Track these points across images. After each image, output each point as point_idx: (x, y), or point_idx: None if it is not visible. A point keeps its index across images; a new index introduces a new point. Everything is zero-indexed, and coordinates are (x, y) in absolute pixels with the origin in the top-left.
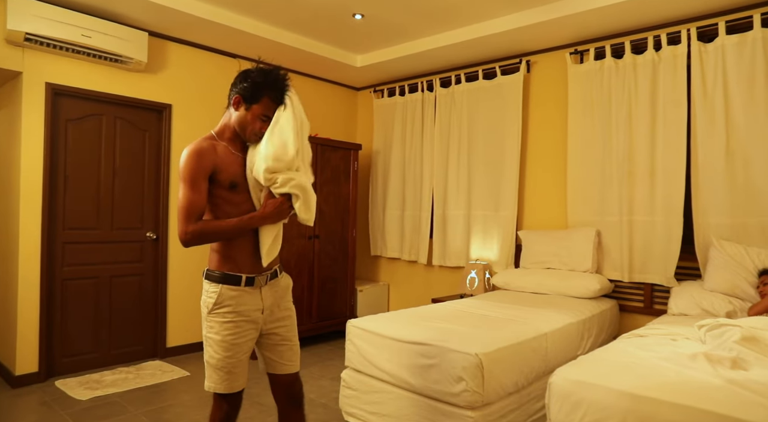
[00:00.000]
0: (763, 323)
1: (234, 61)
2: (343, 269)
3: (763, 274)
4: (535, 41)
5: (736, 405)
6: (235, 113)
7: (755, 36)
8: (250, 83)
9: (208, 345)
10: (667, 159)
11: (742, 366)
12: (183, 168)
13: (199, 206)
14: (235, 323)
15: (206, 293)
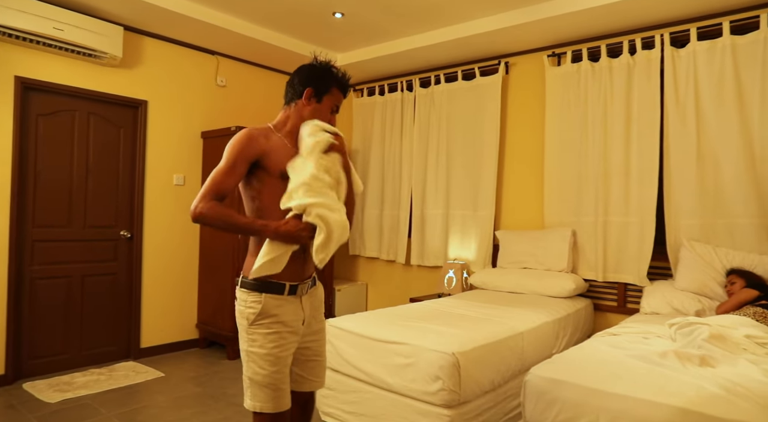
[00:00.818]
0: (730, 321)
1: (212, 58)
2: (321, 269)
3: (731, 273)
4: (514, 43)
5: (703, 401)
6: (306, 106)
7: (724, 43)
8: (320, 76)
9: (251, 361)
10: (641, 161)
11: (710, 363)
12: (228, 147)
13: (226, 188)
14: (280, 334)
15: (245, 303)
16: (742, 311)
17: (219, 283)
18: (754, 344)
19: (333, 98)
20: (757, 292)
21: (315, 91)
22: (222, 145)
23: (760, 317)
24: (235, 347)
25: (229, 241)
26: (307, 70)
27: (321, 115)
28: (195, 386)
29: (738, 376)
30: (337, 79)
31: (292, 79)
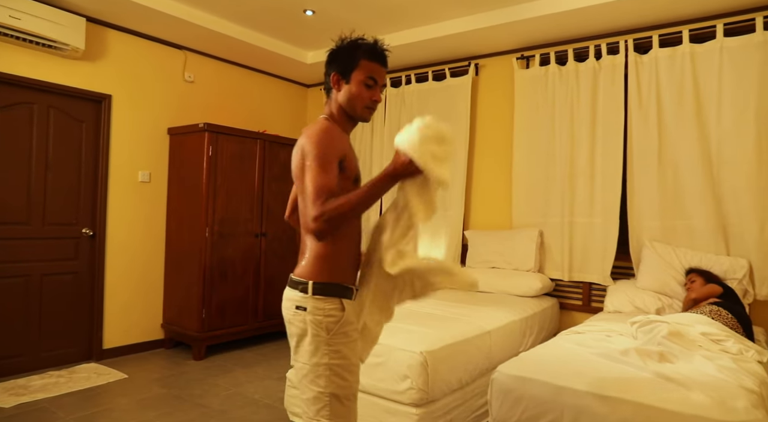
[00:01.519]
0: (688, 319)
1: (180, 53)
2: (290, 268)
3: (690, 272)
4: (484, 45)
5: (661, 396)
6: (338, 93)
7: (684, 50)
8: (340, 54)
9: (334, 375)
10: (605, 163)
11: (668, 359)
12: (314, 146)
13: (331, 188)
14: (355, 340)
15: (321, 311)
16: (699, 309)
17: (186, 282)
18: (709, 341)
19: (364, 71)
20: (722, 288)
21: (341, 72)
22: (190, 141)
23: (715, 315)
24: (201, 347)
25: (197, 239)
26: (328, 55)
27: (355, 95)
28: (160, 387)
29: (694, 372)
30: (362, 48)
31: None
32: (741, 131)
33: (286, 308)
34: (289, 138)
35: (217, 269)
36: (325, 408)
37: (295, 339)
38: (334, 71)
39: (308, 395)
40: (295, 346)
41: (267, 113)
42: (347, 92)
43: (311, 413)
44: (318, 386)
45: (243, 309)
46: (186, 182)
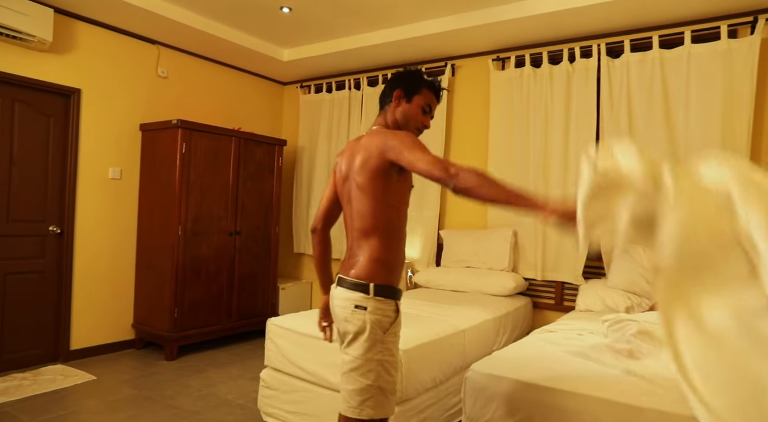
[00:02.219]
0: (656, 317)
1: (153, 48)
2: (265, 267)
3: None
4: (460, 46)
5: (629, 393)
6: (397, 108)
7: (654, 56)
8: (408, 78)
9: (384, 370)
10: (578, 164)
11: (637, 356)
12: (408, 138)
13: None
14: (399, 340)
15: (380, 311)
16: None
17: (157, 281)
18: None
19: (424, 97)
20: None
21: (404, 92)
22: (163, 138)
23: None
24: (173, 347)
25: (169, 237)
26: (396, 75)
27: (411, 114)
28: (130, 388)
29: (661, 368)
30: (427, 81)
31: (384, 87)
32: (707, 135)
33: (342, 307)
34: (265, 136)
35: (190, 267)
36: (370, 399)
37: (351, 335)
38: (400, 88)
39: (355, 386)
40: (350, 341)
41: (242, 111)
42: (406, 110)
43: (355, 403)
44: (368, 379)
45: (216, 309)
46: (158, 180)
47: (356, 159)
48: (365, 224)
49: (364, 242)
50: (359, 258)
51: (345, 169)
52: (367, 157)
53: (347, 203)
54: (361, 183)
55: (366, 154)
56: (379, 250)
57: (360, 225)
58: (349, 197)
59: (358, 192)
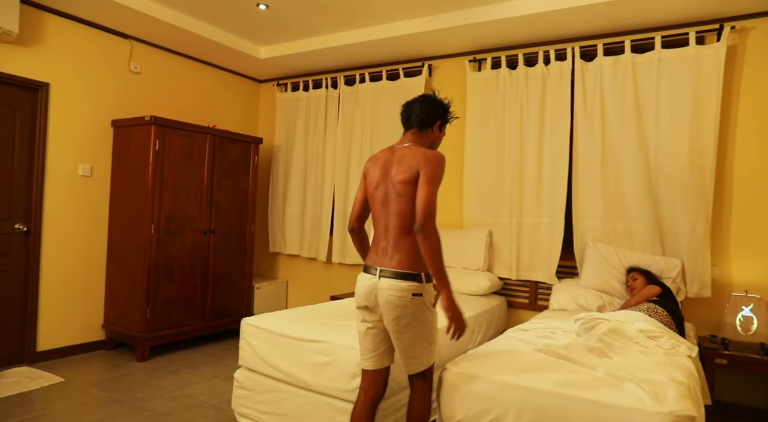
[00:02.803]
0: (627, 316)
1: (125, 43)
2: (240, 266)
3: (632, 271)
4: (437, 46)
5: (600, 390)
6: (432, 134)
7: (626, 60)
8: (445, 111)
9: (436, 333)
10: (552, 166)
11: (608, 355)
12: (439, 171)
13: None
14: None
15: (431, 294)
16: (638, 307)
17: (129, 281)
18: (645, 337)
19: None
20: (660, 288)
21: (443, 123)
22: (135, 135)
23: (652, 312)
24: (145, 348)
25: (141, 236)
26: (436, 105)
27: (439, 140)
28: (99, 390)
29: (631, 366)
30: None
31: (423, 109)
32: (676, 138)
33: (400, 296)
34: (241, 134)
35: (163, 267)
36: (432, 353)
37: (409, 318)
38: (441, 120)
39: (425, 349)
40: (408, 323)
41: (218, 108)
42: (438, 137)
43: (426, 359)
44: (430, 343)
45: (190, 308)
46: (131, 177)
47: (396, 168)
48: (405, 222)
49: (404, 238)
50: (401, 252)
51: (379, 175)
52: (408, 168)
53: (382, 205)
54: (401, 190)
55: (408, 166)
56: (415, 245)
57: (400, 223)
58: (385, 199)
59: (398, 196)
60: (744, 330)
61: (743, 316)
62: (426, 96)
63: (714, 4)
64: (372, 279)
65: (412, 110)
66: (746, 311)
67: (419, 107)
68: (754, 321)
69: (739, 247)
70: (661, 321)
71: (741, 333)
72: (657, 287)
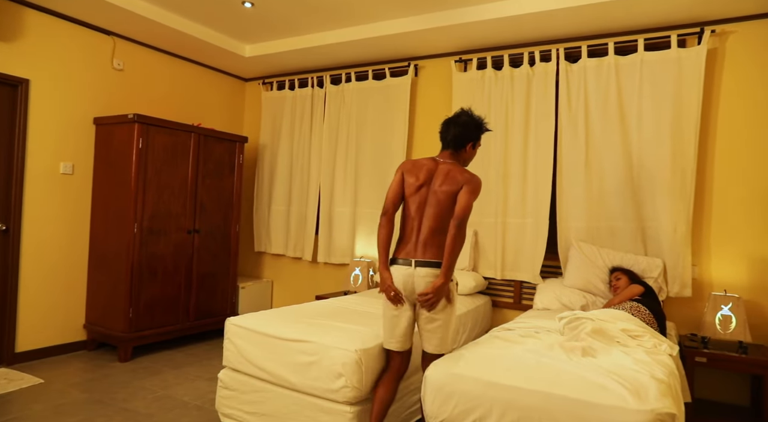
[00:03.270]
0: (610, 315)
1: (108, 39)
2: (224, 266)
3: (616, 270)
4: (423, 47)
5: (584, 389)
6: (466, 153)
7: (609, 62)
8: (479, 131)
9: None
10: (537, 167)
11: (591, 354)
12: (478, 189)
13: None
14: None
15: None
16: (621, 306)
17: (112, 280)
18: (627, 337)
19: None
20: (642, 288)
21: (475, 143)
22: (118, 133)
23: (635, 311)
24: (128, 348)
25: (124, 235)
26: (472, 125)
27: (472, 158)
28: (80, 392)
29: (613, 365)
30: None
31: (457, 132)
32: (658, 140)
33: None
34: (226, 133)
35: (146, 266)
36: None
37: (443, 303)
38: (477, 141)
39: (450, 332)
40: (442, 307)
41: (202, 106)
42: (472, 155)
43: (449, 342)
44: (455, 328)
45: (174, 308)
46: (113, 176)
47: (441, 179)
48: (438, 224)
49: (437, 236)
50: (435, 246)
51: (423, 179)
52: (454, 182)
53: (419, 205)
54: (443, 198)
55: (454, 181)
56: (444, 242)
57: (434, 225)
58: (424, 201)
59: (438, 202)
60: (723, 329)
61: (722, 315)
62: (460, 117)
63: (695, 8)
64: (408, 269)
65: (448, 131)
66: (725, 310)
67: (453, 130)
68: (733, 320)
69: (718, 247)
70: (643, 320)
71: (720, 331)
72: (640, 287)
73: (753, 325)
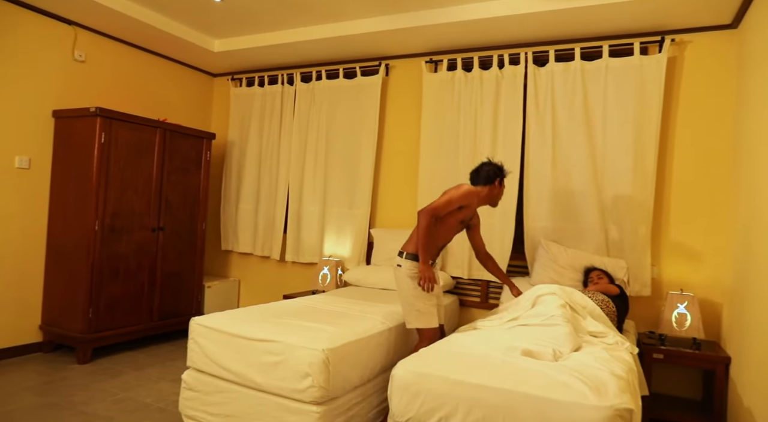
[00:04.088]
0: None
1: (69, 29)
2: (190, 264)
3: (595, 270)
4: (395, 46)
5: (547, 386)
6: (492, 189)
7: (576, 66)
8: (499, 172)
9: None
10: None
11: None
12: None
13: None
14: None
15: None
16: (594, 294)
17: (71, 280)
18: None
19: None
20: (618, 290)
21: (500, 180)
22: (80, 126)
23: (603, 304)
24: (87, 349)
25: (85, 232)
26: (494, 168)
27: (500, 194)
28: (34, 396)
29: (575, 363)
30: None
31: (483, 170)
32: (621, 144)
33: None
34: (193, 129)
35: (107, 264)
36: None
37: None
38: (499, 178)
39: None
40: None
41: (168, 101)
42: (500, 192)
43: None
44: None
45: (136, 308)
46: (74, 171)
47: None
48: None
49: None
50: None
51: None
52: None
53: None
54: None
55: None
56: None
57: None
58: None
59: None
60: (679, 326)
61: (678, 313)
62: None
63: (656, 17)
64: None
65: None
66: (681, 309)
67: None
68: (688, 318)
69: (676, 248)
70: (606, 312)
71: (676, 328)
72: (616, 288)
73: (706, 322)
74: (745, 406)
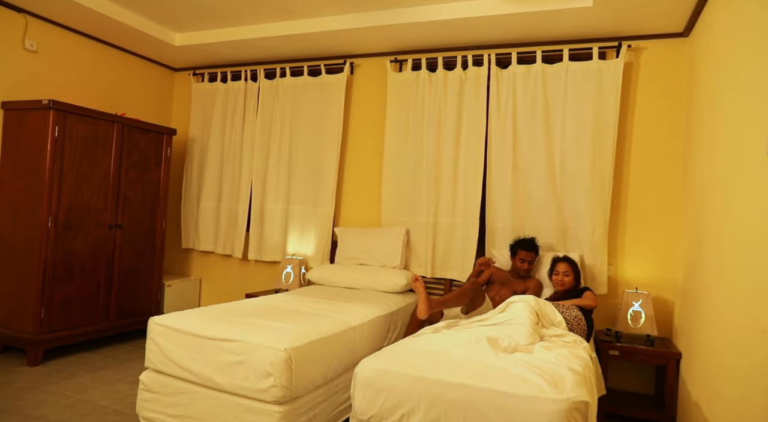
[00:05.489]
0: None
1: (19, 17)
2: (149, 263)
3: (561, 261)
4: (359, 45)
5: (507, 382)
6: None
7: (537, 69)
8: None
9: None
10: (468, 168)
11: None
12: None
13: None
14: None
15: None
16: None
17: (21, 278)
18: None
19: (521, 255)
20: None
21: (512, 254)
22: (30, 119)
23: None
24: (38, 351)
25: (36, 230)
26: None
27: (517, 264)
28: None
29: (535, 359)
30: (519, 245)
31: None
32: (580, 146)
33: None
34: (152, 124)
35: (61, 263)
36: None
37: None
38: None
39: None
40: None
41: (127, 95)
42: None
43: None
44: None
45: (92, 308)
46: (24, 166)
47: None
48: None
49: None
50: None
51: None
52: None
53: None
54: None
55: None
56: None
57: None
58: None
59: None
60: (634, 324)
61: (633, 311)
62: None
63: (613, 23)
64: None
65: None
66: (636, 307)
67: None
68: (642, 315)
69: (632, 247)
70: (578, 331)
71: (631, 326)
72: (594, 302)
73: (659, 319)
74: (693, 400)
